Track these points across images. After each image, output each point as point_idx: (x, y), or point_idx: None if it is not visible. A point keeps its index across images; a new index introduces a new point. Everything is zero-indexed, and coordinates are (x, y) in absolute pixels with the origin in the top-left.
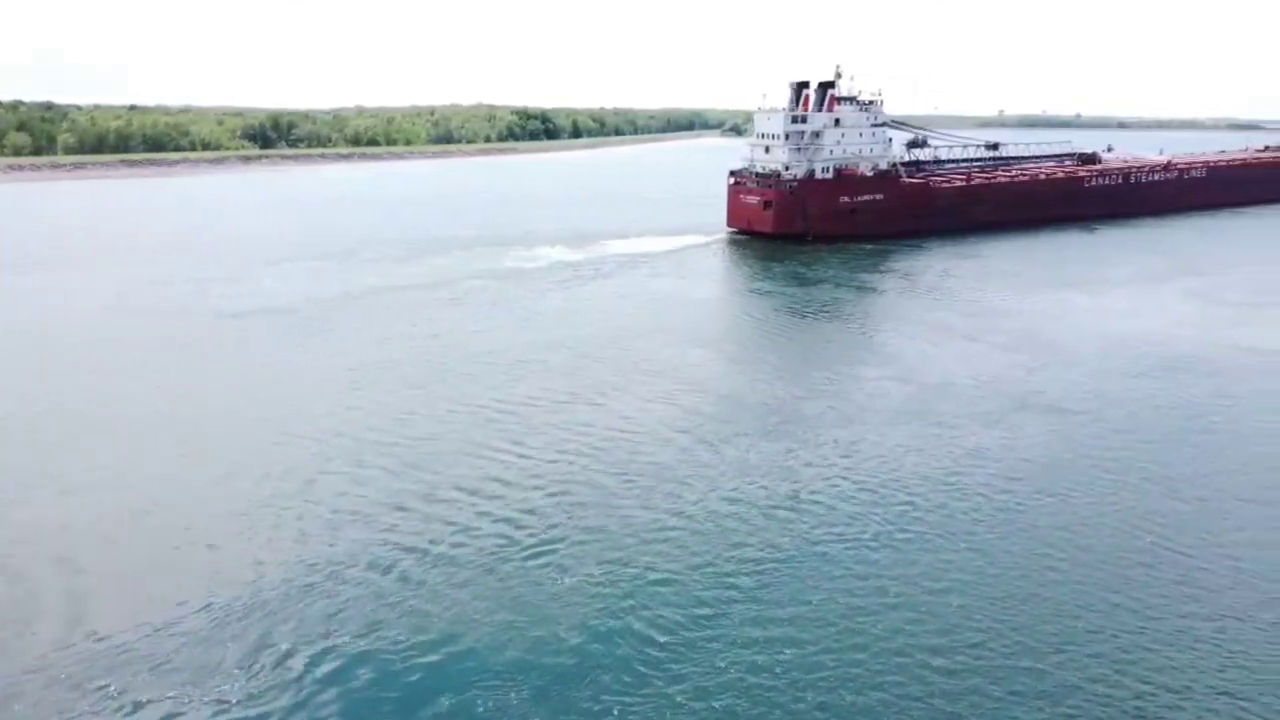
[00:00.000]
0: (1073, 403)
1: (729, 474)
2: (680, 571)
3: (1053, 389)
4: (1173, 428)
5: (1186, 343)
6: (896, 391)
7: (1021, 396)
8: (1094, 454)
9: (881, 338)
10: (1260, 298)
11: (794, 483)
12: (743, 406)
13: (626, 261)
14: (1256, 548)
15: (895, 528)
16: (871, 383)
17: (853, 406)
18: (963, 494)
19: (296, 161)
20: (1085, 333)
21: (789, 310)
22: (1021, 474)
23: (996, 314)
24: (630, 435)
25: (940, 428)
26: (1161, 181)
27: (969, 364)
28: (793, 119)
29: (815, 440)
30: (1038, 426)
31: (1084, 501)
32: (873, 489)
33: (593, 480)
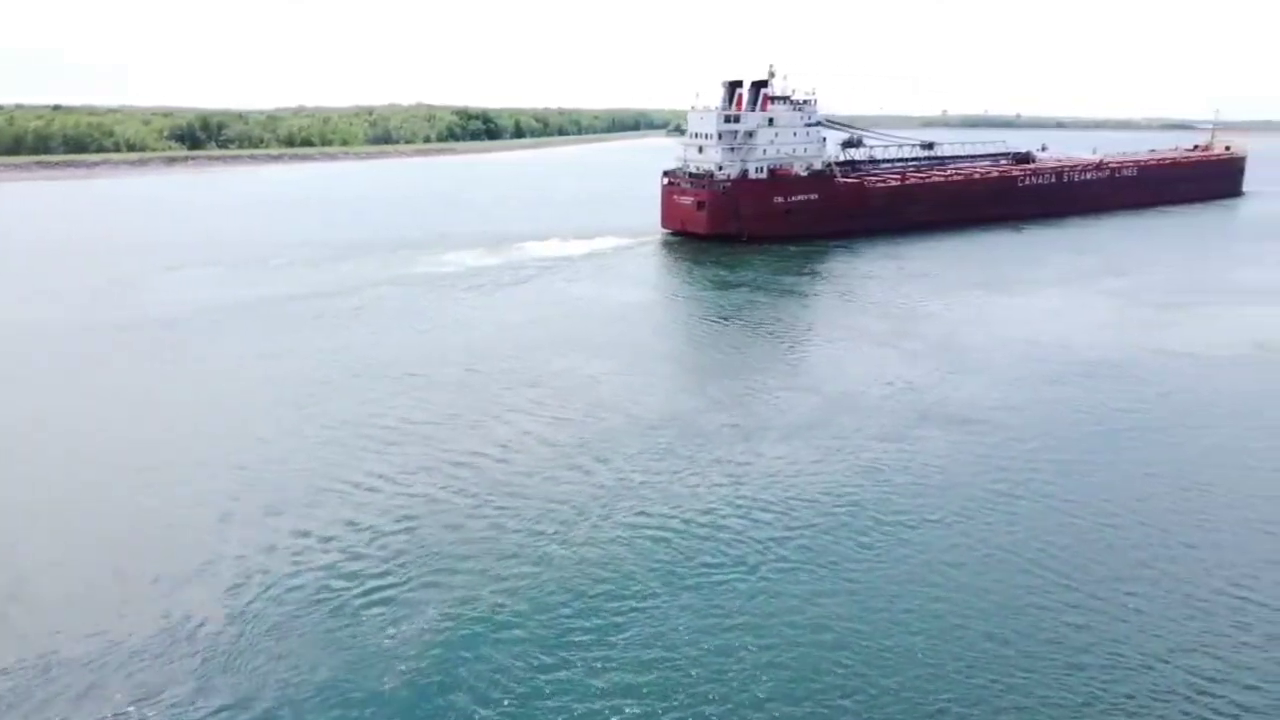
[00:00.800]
0: (978, 413)
1: (598, 500)
2: (528, 610)
3: (959, 399)
4: (1079, 437)
5: (1101, 347)
6: (800, 404)
7: (926, 408)
8: (995, 469)
9: (795, 345)
10: (1175, 298)
11: (671, 507)
12: (633, 423)
13: (548, 266)
14: (1155, 564)
15: (774, 555)
16: (776, 395)
17: (753, 421)
18: (851, 514)
19: (224, 163)
20: (1000, 337)
21: (702, 316)
22: (916, 492)
23: (916, 318)
24: (503, 457)
25: (836, 443)
26: (1094, 180)
27: (879, 373)
28: (726, 118)
29: (704, 459)
30: (938, 440)
31: (980, 520)
32: (757, 513)
33: (449, 508)
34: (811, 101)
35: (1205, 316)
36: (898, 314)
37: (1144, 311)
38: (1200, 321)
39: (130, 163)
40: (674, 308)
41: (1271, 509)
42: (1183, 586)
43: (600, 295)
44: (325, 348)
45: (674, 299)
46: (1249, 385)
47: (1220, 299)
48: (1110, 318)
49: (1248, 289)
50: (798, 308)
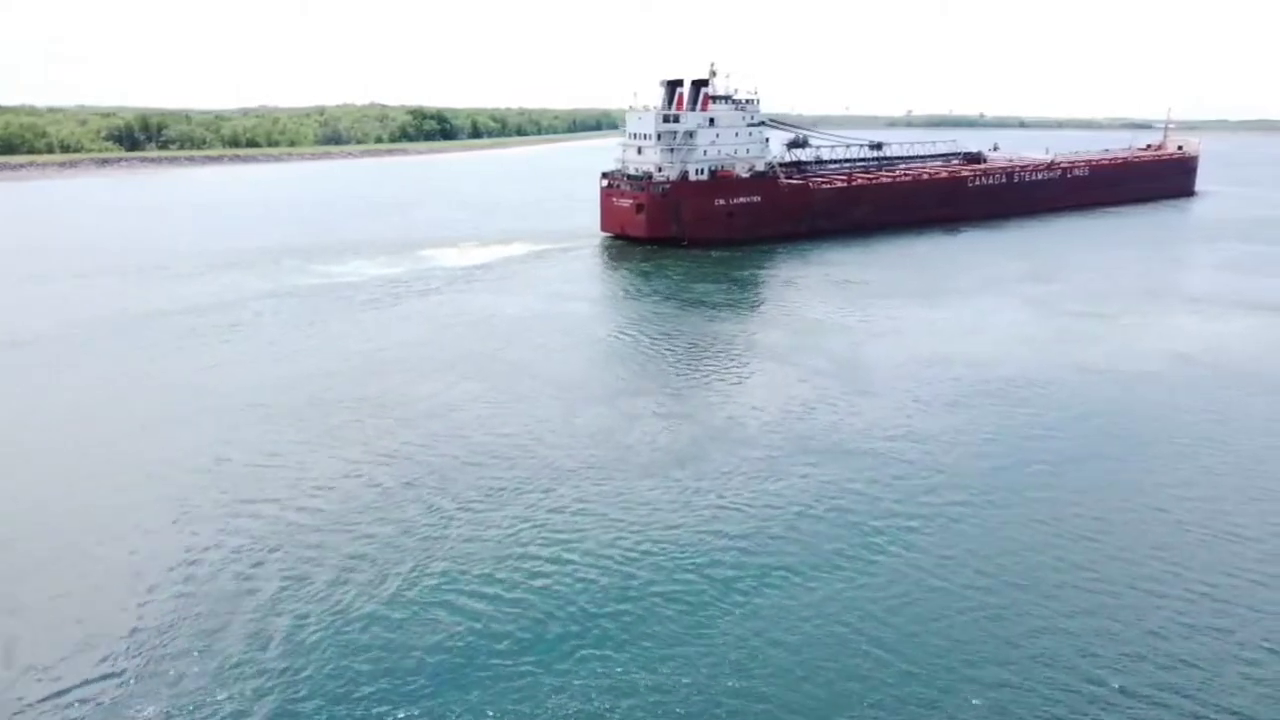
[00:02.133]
0: (868, 442)
1: (402, 558)
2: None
3: (851, 426)
4: (980, 472)
5: (1014, 363)
6: (671, 435)
7: (810, 437)
8: (879, 510)
9: (686, 364)
10: (1101, 305)
11: (495, 560)
12: (471, 460)
13: (461, 274)
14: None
15: (617, 606)
16: (647, 425)
17: (609, 457)
18: (708, 559)
19: (159, 165)
20: (910, 353)
21: (593, 330)
22: (778, 542)
23: (826, 331)
24: (323, 505)
25: (696, 483)
26: (1045, 180)
27: (769, 397)
28: (665, 118)
29: (546, 503)
30: (814, 477)
31: (852, 575)
32: (601, 564)
33: (229, 574)
34: (754, 101)
35: (1128, 326)
36: (808, 326)
37: (1066, 322)
38: (1122, 332)
39: (59, 164)
40: (562, 321)
41: (1176, 547)
42: (1091, 645)
43: (503, 306)
44: (176, 373)
45: (570, 311)
46: (1166, 404)
47: (1147, 306)
48: (1029, 330)
49: (1178, 294)
50: (702, 320)
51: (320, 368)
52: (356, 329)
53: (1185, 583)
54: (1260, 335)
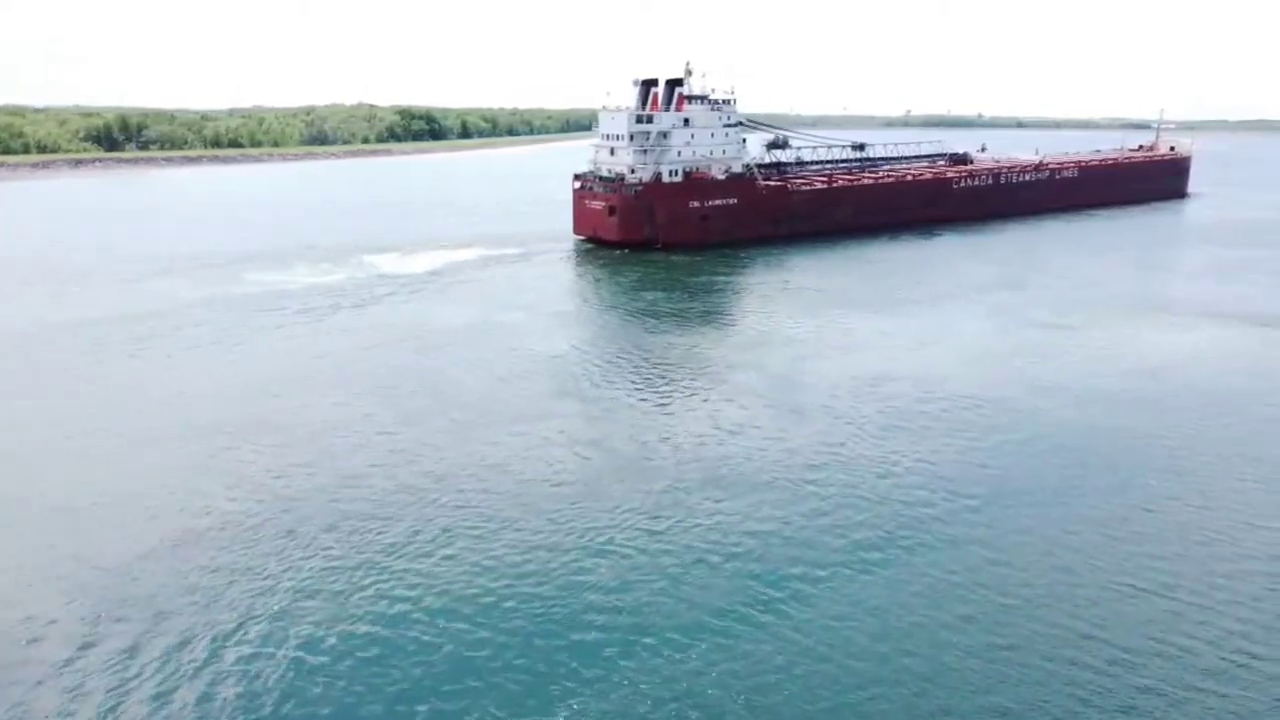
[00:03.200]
0: (780, 472)
1: (248, 605)
2: None
3: (767, 454)
4: (914, 505)
5: (966, 380)
6: (571, 465)
7: (721, 466)
8: (795, 554)
9: (609, 383)
10: (1066, 316)
11: (326, 622)
12: (337, 493)
13: (405, 282)
14: None
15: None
16: (543, 452)
17: (489, 491)
18: (603, 612)
19: (135, 165)
20: (854, 369)
21: (518, 349)
22: (682, 586)
23: (772, 344)
24: (163, 542)
25: (601, 515)
26: (1033, 182)
27: (690, 420)
28: (638, 119)
29: (404, 549)
30: (728, 510)
31: (758, 630)
32: (466, 612)
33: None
34: (731, 101)
35: (1092, 339)
36: (754, 339)
37: (1028, 334)
38: (1084, 346)
39: (31, 165)
40: (503, 333)
41: (1112, 599)
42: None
43: (438, 318)
44: (58, 393)
45: (510, 322)
46: (1118, 428)
47: (1117, 316)
48: (986, 343)
49: (1151, 303)
50: (643, 332)
51: (214, 388)
52: (275, 343)
53: (1130, 637)
54: (1227, 349)
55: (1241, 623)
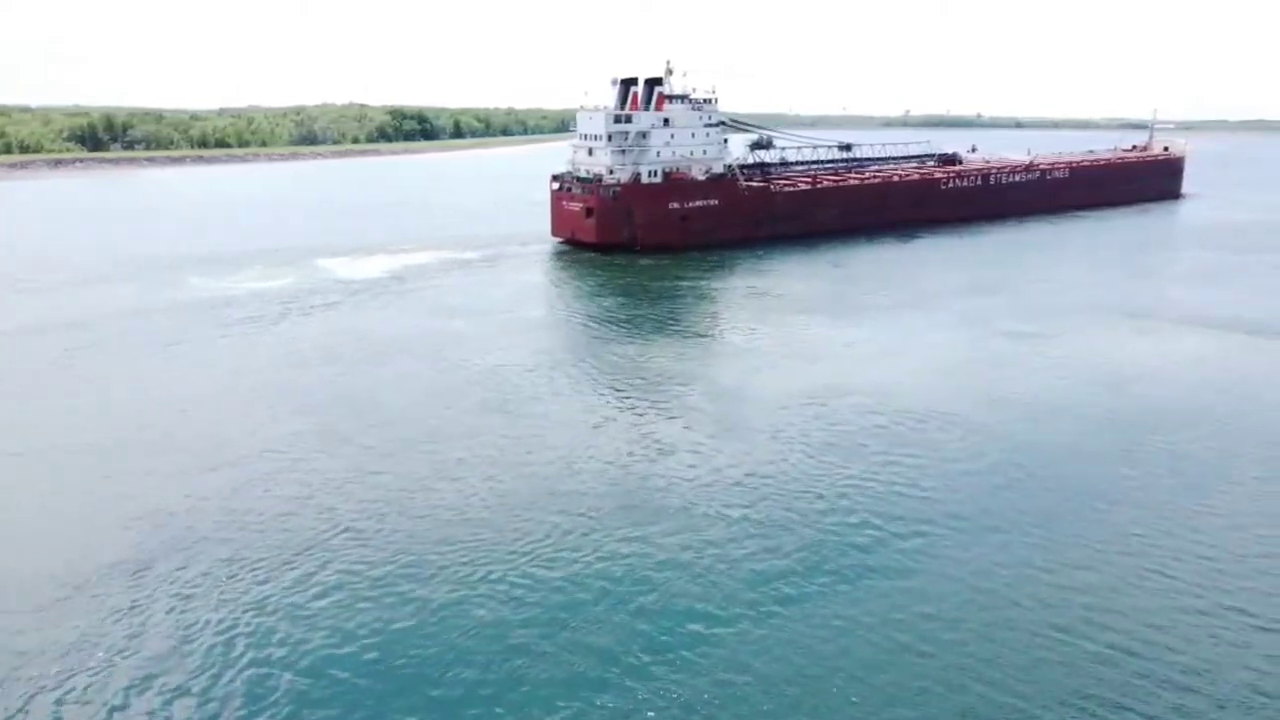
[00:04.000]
0: (705, 497)
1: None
2: None
3: (695, 476)
4: (853, 538)
5: (921, 394)
6: (485, 492)
7: (646, 490)
8: (700, 591)
9: (548, 397)
10: (1037, 323)
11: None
12: (196, 524)
13: (360, 287)
14: None
15: None
16: (459, 473)
17: (377, 519)
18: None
19: (116, 166)
20: (804, 382)
21: (451, 361)
22: (584, 625)
23: (725, 355)
24: None
25: (503, 548)
26: (1023, 183)
27: (621, 439)
28: (616, 118)
29: (273, 601)
30: (642, 542)
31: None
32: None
33: None
34: (712, 100)
35: (1059, 350)
36: (708, 350)
37: (993, 344)
38: (1050, 357)
39: (10, 165)
40: (442, 342)
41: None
42: None
43: (383, 326)
44: None
45: (453, 330)
46: (1076, 449)
47: (1089, 324)
48: (948, 354)
49: (1127, 310)
50: (589, 340)
51: (126, 402)
52: (206, 354)
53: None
54: (1200, 359)
55: (1202, 658)
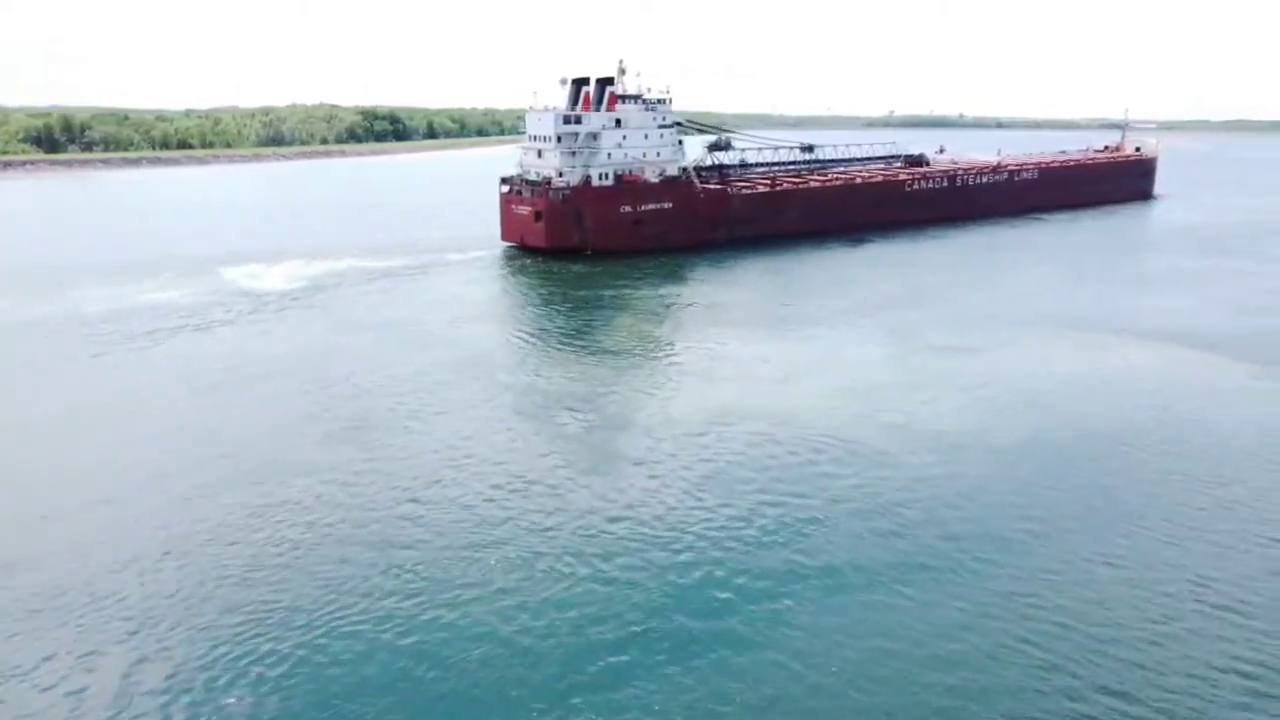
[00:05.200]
0: (549, 540)
1: None
2: None
3: (547, 515)
4: (687, 595)
5: (812, 419)
6: (280, 537)
7: (477, 533)
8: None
9: (413, 420)
10: (967, 336)
11: None
12: None
13: (271, 299)
14: None
15: None
16: (273, 517)
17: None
18: None
19: (69, 168)
20: (702, 404)
21: (329, 384)
22: None
23: (625, 372)
24: None
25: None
26: (990, 184)
27: (478, 469)
28: (565, 119)
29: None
30: (472, 592)
31: None
32: None
33: None
34: (666, 100)
35: (984, 366)
36: (602, 368)
37: (916, 360)
38: (972, 374)
39: None
40: (335, 361)
41: None
42: None
43: (272, 345)
44: None
45: (350, 347)
46: (978, 489)
47: (1023, 336)
48: (865, 372)
49: (1067, 319)
50: (478, 358)
51: None
52: (66, 378)
53: None
54: (1139, 377)
55: None
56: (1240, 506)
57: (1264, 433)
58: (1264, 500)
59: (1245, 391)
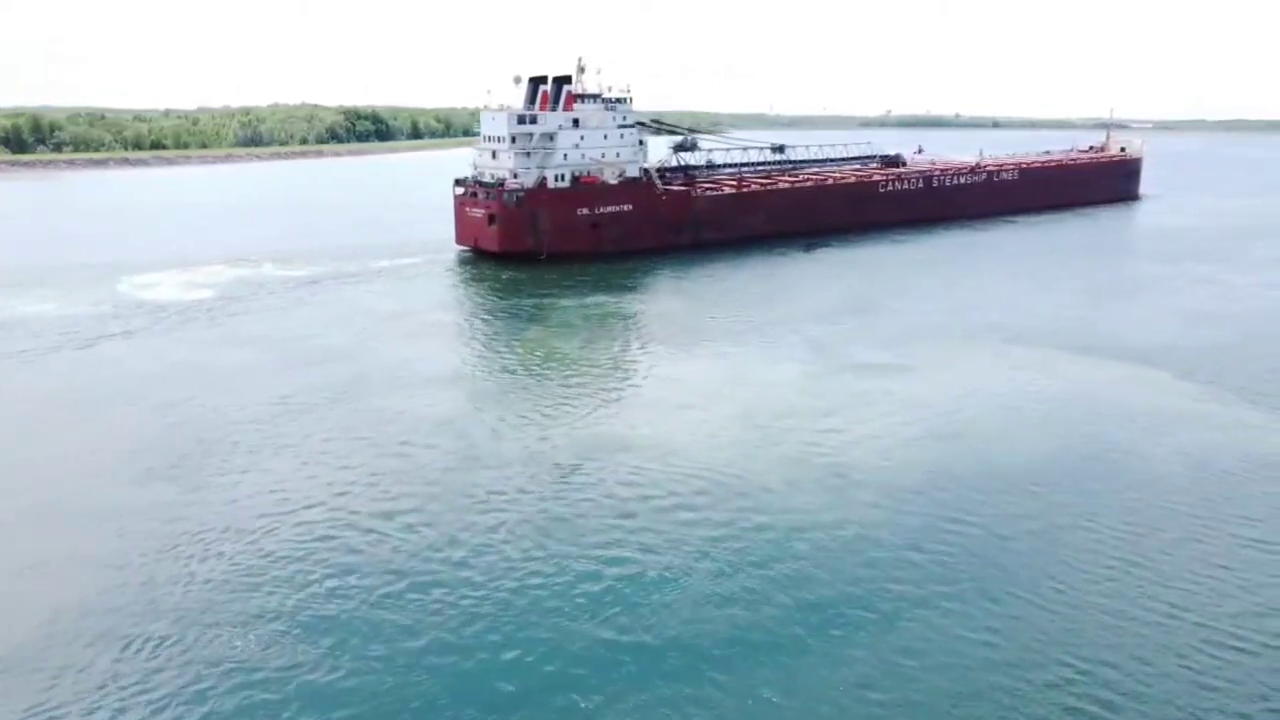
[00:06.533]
0: (351, 606)
1: None
2: None
3: (362, 586)
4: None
5: (717, 452)
6: (93, 583)
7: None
8: None
9: (244, 455)
10: (897, 352)
11: None
12: None
13: (174, 311)
14: None
15: None
16: (86, 555)
17: None
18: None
19: (30, 169)
20: (587, 437)
21: (189, 411)
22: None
23: (519, 397)
24: None
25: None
26: (968, 185)
27: (288, 528)
28: (519, 119)
29: None
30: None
31: None
32: None
33: None
34: (626, 100)
35: (910, 386)
36: (495, 389)
37: (833, 381)
38: (898, 396)
39: None
40: (201, 386)
41: None
42: None
43: (159, 360)
44: None
45: (234, 363)
46: (883, 540)
47: (959, 352)
48: (770, 397)
49: (1010, 332)
50: (361, 376)
51: None
52: None
53: None
54: (1067, 400)
55: None
56: (1154, 560)
57: (1196, 467)
58: (1179, 552)
59: (1182, 417)
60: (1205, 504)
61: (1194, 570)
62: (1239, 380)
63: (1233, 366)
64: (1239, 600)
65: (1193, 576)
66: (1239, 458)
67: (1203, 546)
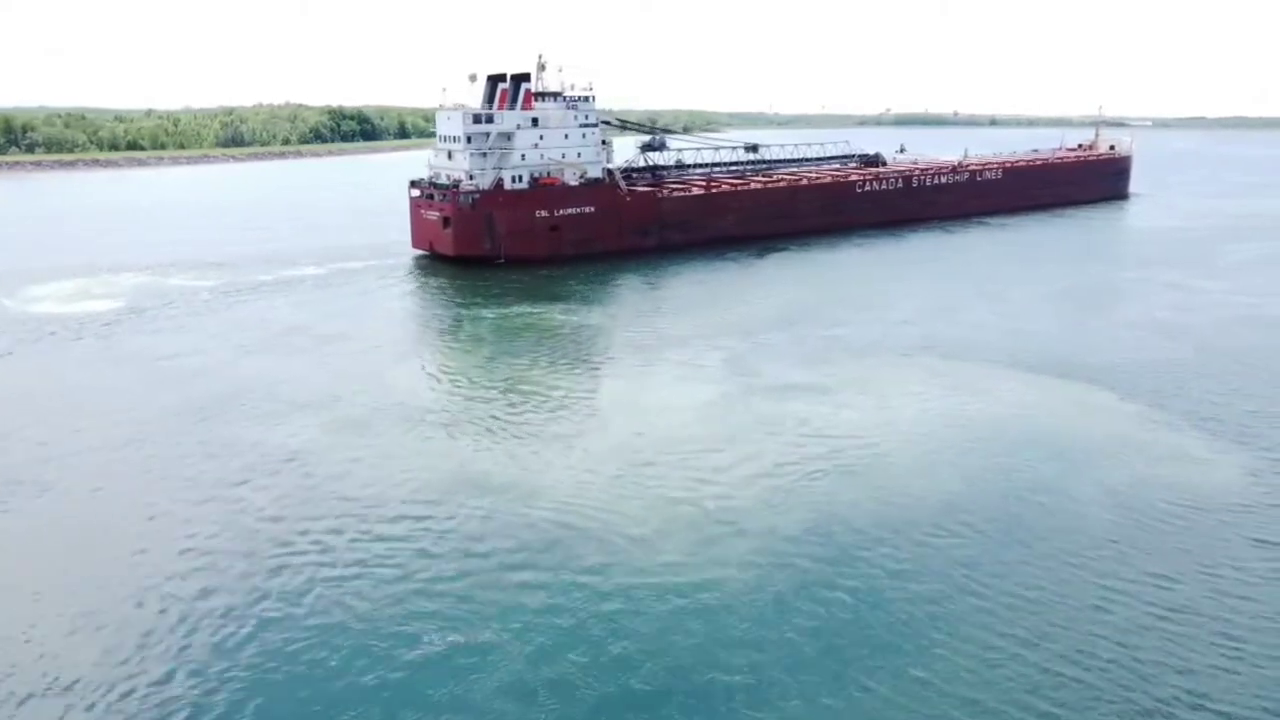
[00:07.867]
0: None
1: None
2: None
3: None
4: None
5: (588, 490)
6: None
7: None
8: None
9: (80, 485)
10: (822, 371)
11: None
12: None
13: (62, 325)
14: None
15: None
16: None
17: None
18: None
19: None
20: (471, 471)
21: (54, 433)
22: None
23: (385, 420)
24: None
25: None
26: (949, 185)
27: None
28: (475, 118)
29: None
30: None
31: None
32: None
33: None
34: (589, 98)
35: (825, 414)
36: (359, 418)
37: (743, 405)
38: (807, 427)
39: None
40: (55, 411)
41: None
42: None
43: (42, 379)
44: None
45: (119, 385)
46: (765, 599)
47: (884, 370)
48: (665, 425)
49: (948, 346)
50: (243, 402)
51: None
52: None
53: None
54: (995, 428)
55: None
56: (1050, 638)
57: (1123, 510)
58: (1080, 627)
59: (1121, 446)
60: (1123, 560)
61: (1101, 655)
62: (1186, 404)
63: (1182, 386)
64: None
65: (1099, 665)
66: (1173, 499)
67: (1110, 618)
